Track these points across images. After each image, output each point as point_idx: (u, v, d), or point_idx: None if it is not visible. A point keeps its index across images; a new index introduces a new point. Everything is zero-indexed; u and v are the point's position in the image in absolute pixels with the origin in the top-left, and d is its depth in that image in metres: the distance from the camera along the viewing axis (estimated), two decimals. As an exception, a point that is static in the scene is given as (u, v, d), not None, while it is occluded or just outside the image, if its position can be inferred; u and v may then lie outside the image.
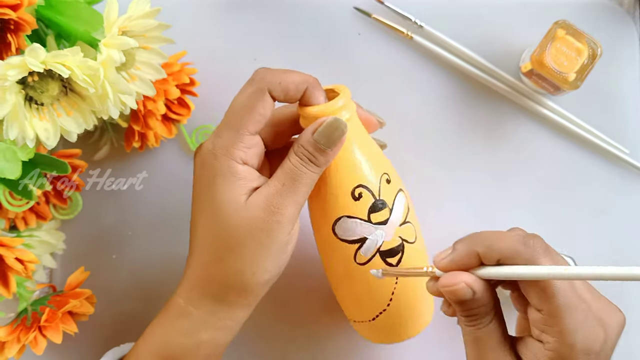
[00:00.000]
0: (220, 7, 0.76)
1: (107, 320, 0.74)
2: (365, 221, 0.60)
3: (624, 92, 0.75)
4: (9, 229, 0.69)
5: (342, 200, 0.60)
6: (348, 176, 0.60)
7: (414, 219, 0.64)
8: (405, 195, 0.63)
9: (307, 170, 0.58)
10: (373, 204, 0.60)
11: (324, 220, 0.62)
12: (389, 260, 0.61)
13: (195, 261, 0.61)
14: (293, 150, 0.59)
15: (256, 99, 0.58)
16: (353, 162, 0.60)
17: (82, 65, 0.53)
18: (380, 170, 0.61)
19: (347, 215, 0.60)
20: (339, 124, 0.58)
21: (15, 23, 0.55)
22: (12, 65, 0.51)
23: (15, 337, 0.65)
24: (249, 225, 0.57)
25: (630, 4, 0.76)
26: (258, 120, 0.58)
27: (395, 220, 0.61)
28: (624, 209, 0.75)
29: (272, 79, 0.58)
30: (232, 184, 0.58)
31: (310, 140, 0.58)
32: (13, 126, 0.54)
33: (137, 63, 0.61)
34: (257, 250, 0.58)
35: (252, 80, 0.59)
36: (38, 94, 0.55)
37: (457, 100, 0.75)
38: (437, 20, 0.75)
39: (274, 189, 0.58)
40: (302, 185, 0.58)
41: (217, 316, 0.60)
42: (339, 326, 0.74)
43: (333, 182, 0.60)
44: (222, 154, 0.58)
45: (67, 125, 0.57)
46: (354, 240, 0.61)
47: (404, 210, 0.62)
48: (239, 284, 0.59)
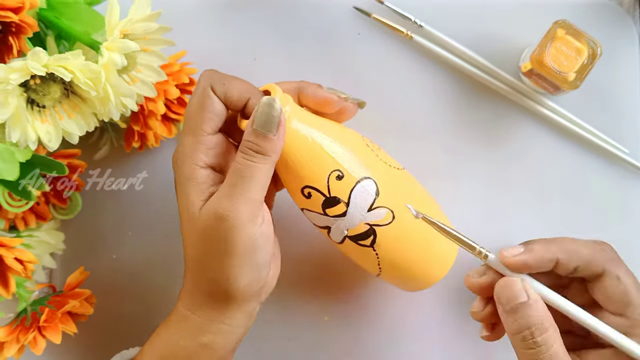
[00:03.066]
0: (220, 7, 0.76)
1: (107, 320, 0.74)
2: (323, 214, 0.60)
3: (624, 92, 0.75)
4: (9, 229, 0.69)
5: (297, 197, 0.61)
6: (294, 176, 0.60)
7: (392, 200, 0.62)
8: (374, 182, 0.61)
9: (255, 164, 0.56)
10: (324, 202, 0.60)
11: (296, 202, 0.63)
12: (361, 242, 0.61)
13: (186, 269, 0.61)
14: (239, 149, 0.57)
15: (204, 98, 0.58)
16: (298, 162, 0.59)
17: (84, 69, 0.53)
18: (328, 168, 0.59)
19: (306, 209, 0.61)
20: (271, 102, 0.56)
21: (16, 26, 0.55)
22: (15, 69, 0.51)
23: (14, 337, 0.65)
24: (206, 234, 0.56)
25: (630, 4, 0.76)
26: (211, 118, 0.58)
27: (355, 211, 0.60)
28: (624, 208, 0.75)
29: (218, 78, 0.58)
30: (192, 190, 0.57)
31: (250, 131, 0.56)
32: (15, 129, 0.54)
33: (138, 65, 0.61)
34: (220, 259, 0.57)
35: (198, 82, 0.59)
36: (40, 96, 0.55)
37: (457, 99, 0.75)
38: (437, 20, 0.75)
39: (223, 193, 0.56)
40: (253, 180, 0.56)
41: (213, 321, 0.59)
42: (339, 325, 0.74)
43: (285, 180, 0.61)
44: (184, 160, 0.58)
45: (68, 128, 0.57)
46: (321, 227, 0.62)
47: (370, 197, 0.60)
48: (219, 291, 0.58)
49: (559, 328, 0.56)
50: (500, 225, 0.75)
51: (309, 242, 0.74)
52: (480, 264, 0.61)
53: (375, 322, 0.75)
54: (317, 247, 0.74)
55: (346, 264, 0.74)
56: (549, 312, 0.55)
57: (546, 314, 0.55)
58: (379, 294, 0.75)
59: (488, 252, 0.58)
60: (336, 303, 0.75)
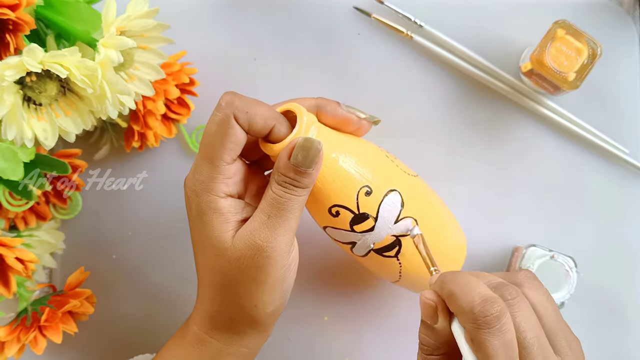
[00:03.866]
0: (220, 7, 0.76)
1: (107, 320, 0.74)
2: (349, 231, 0.60)
3: (624, 92, 0.75)
4: (9, 229, 0.69)
5: (323, 215, 0.60)
6: (322, 196, 0.58)
7: (418, 207, 0.62)
8: (399, 194, 0.61)
9: (293, 196, 0.55)
10: (353, 219, 0.59)
11: (317, 221, 0.62)
12: (386, 254, 0.61)
13: (203, 294, 0.60)
14: (274, 179, 0.56)
15: (225, 127, 0.55)
16: (327, 182, 0.58)
17: (80, 66, 0.53)
18: (356, 186, 0.59)
19: (331, 226, 0.60)
20: (312, 143, 0.55)
21: (13, 23, 0.55)
22: (10, 66, 0.51)
23: (15, 336, 0.65)
24: (239, 263, 0.55)
25: (630, 4, 0.76)
26: (231, 148, 0.55)
27: (383, 224, 0.60)
28: (624, 208, 0.75)
29: (240, 106, 0.55)
30: (216, 221, 0.56)
31: (289, 165, 0.55)
32: (11, 126, 0.54)
33: (136, 63, 0.61)
34: (253, 287, 0.56)
35: (219, 107, 0.55)
36: (36, 94, 0.55)
37: (457, 99, 0.75)
38: (437, 20, 0.75)
39: (259, 223, 0.55)
40: (289, 212, 0.55)
41: (232, 344, 0.59)
42: (339, 325, 0.74)
43: (312, 199, 0.59)
44: (203, 190, 0.56)
45: (65, 126, 0.57)
46: (345, 243, 0.61)
47: (395, 209, 0.60)
48: (245, 317, 0.58)
49: None
50: (500, 225, 0.74)
51: (309, 241, 0.74)
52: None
53: (375, 322, 0.74)
54: (318, 247, 0.74)
55: (346, 264, 0.74)
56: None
57: None
58: (379, 294, 0.75)
59: (436, 270, 0.57)
60: (336, 303, 0.74)
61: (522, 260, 0.69)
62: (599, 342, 0.74)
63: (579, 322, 0.67)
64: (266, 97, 0.74)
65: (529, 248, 0.70)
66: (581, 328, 0.58)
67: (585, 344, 0.53)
